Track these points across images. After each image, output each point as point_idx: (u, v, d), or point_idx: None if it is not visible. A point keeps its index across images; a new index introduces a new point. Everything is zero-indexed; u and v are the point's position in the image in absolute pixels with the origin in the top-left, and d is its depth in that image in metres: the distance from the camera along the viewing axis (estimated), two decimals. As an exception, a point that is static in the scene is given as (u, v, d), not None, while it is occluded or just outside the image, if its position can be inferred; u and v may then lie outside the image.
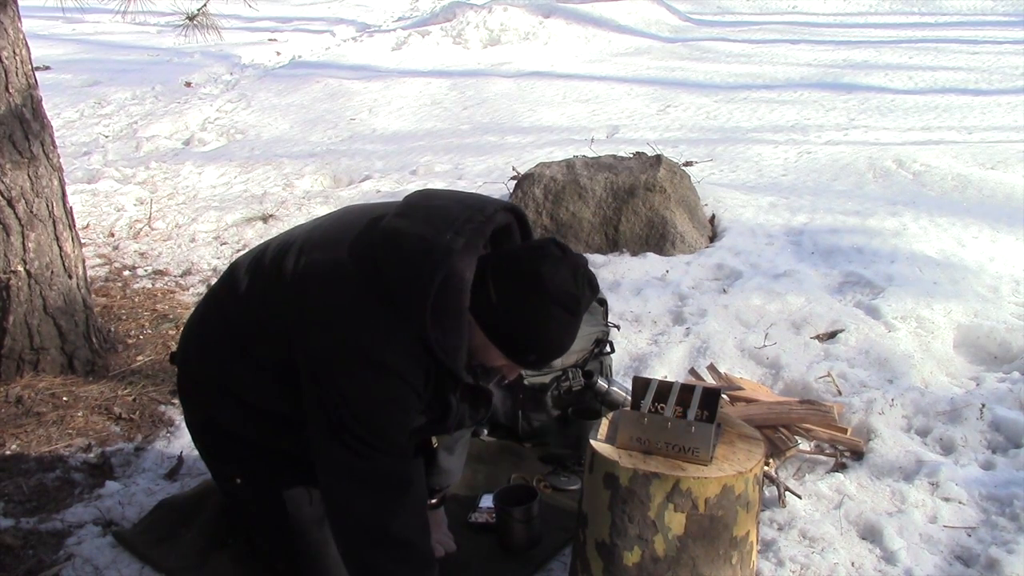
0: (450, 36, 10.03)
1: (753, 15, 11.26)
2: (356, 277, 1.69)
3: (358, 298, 1.67)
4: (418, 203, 1.76)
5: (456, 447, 2.23)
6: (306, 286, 1.75)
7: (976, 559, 2.17)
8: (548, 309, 1.64)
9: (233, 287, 1.90)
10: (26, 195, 2.92)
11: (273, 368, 1.81)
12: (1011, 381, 2.98)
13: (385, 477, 1.74)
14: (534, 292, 1.63)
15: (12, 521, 2.36)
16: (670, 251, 4.15)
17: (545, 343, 1.70)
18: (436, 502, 2.27)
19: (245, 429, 1.94)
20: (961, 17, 10.56)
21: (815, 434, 2.66)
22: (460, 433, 2.22)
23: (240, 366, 1.86)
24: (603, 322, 2.85)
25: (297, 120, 7.02)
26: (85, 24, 10.62)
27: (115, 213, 4.96)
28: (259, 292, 1.85)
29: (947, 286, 3.69)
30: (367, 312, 1.66)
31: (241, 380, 1.88)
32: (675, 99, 7.27)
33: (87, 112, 7.22)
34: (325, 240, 1.80)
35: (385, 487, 1.74)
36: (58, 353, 3.07)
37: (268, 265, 1.84)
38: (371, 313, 1.66)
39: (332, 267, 1.73)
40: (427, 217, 1.69)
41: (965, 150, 5.63)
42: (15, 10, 2.92)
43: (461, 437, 2.25)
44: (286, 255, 1.80)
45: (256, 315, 1.83)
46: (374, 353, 1.65)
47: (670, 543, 1.82)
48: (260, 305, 1.83)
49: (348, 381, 1.68)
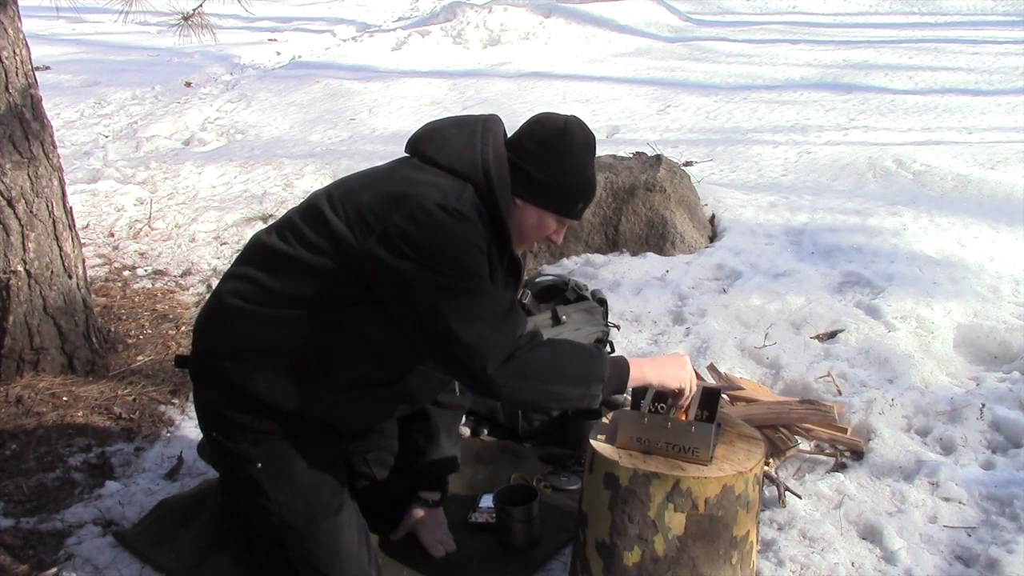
0: (450, 36, 10.03)
1: (753, 15, 11.26)
2: (414, 171, 1.88)
3: (420, 179, 1.84)
4: (430, 129, 1.98)
5: (454, 429, 2.30)
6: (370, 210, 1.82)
7: (976, 559, 2.17)
8: (580, 156, 1.92)
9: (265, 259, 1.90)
10: (26, 195, 2.92)
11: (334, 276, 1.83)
12: (1011, 381, 2.98)
13: (497, 303, 1.78)
14: (565, 148, 1.90)
15: (12, 521, 2.36)
16: (670, 251, 4.15)
17: (587, 186, 1.96)
18: (436, 501, 2.27)
19: (282, 393, 1.88)
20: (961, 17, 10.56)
21: (815, 434, 2.66)
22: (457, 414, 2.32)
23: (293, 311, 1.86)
24: (603, 322, 2.85)
25: (297, 120, 7.02)
26: (85, 24, 10.62)
27: (115, 213, 4.96)
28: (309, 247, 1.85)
29: (947, 286, 3.69)
30: (433, 183, 1.83)
31: (290, 324, 1.86)
32: (675, 99, 7.27)
33: (87, 112, 7.22)
34: (362, 184, 1.91)
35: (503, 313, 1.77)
36: (58, 353, 3.07)
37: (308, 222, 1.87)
38: (436, 183, 1.84)
39: (389, 185, 1.86)
40: (453, 123, 1.96)
41: (965, 150, 5.63)
42: (15, 10, 2.92)
43: (456, 420, 2.33)
44: (326, 206, 1.87)
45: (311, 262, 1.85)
46: (449, 203, 1.79)
47: (670, 543, 1.82)
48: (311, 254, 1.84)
49: (433, 233, 1.77)
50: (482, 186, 1.86)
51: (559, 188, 1.92)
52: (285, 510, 1.94)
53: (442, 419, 2.25)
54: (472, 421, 2.80)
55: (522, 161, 1.90)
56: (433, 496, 2.27)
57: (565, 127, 1.91)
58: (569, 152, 1.91)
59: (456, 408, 2.30)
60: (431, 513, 2.27)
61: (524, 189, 1.91)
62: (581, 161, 1.92)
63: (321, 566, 1.95)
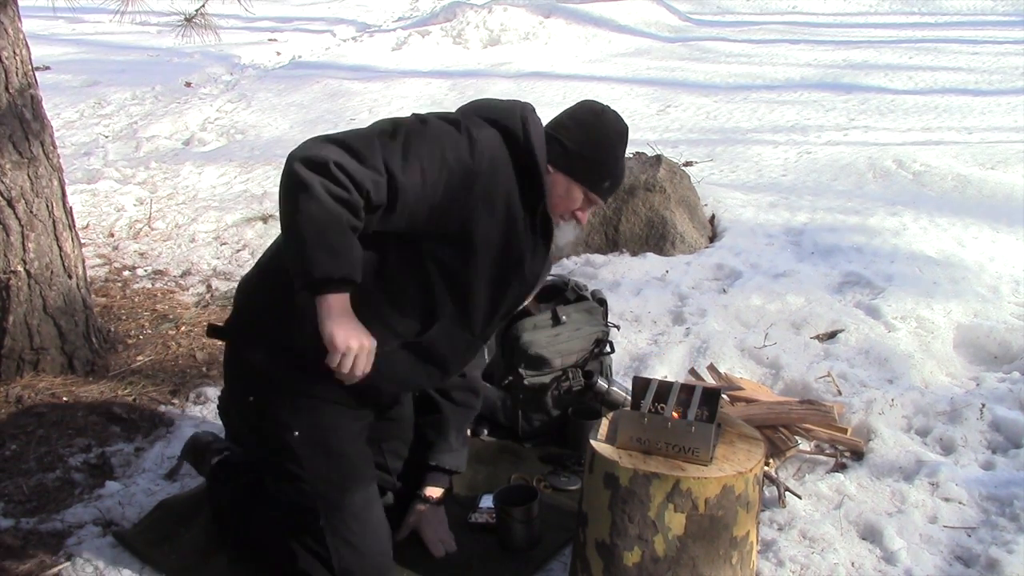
0: (450, 36, 10.03)
1: (753, 15, 11.26)
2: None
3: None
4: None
5: (465, 427, 2.34)
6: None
7: (976, 559, 2.17)
8: (613, 138, 2.01)
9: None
10: (26, 195, 2.92)
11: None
12: (1011, 381, 2.98)
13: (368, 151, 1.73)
14: (600, 127, 2.00)
15: (12, 521, 2.36)
16: (670, 251, 4.15)
17: (615, 165, 2.02)
18: (438, 499, 2.27)
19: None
20: (961, 17, 10.56)
21: (815, 434, 2.66)
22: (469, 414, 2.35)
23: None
24: (603, 322, 2.85)
25: (297, 120, 7.02)
26: (85, 24, 10.62)
27: (115, 213, 4.96)
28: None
29: (947, 286, 3.69)
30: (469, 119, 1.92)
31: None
32: (675, 99, 7.27)
33: (87, 112, 7.22)
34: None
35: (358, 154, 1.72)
36: (58, 353, 3.07)
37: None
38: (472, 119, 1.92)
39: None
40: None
41: (965, 150, 5.63)
42: (15, 10, 2.92)
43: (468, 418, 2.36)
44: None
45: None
46: (464, 121, 1.88)
47: (670, 543, 1.82)
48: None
49: (429, 116, 1.87)
50: (519, 132, 1.91)
51: (589, 160, 1.99)
52: (320, 479, 1.96)
53: (454, 416, 2.28)
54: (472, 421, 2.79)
55: (557, 133, 1.99)
56: (436, 493, 2.28)
57: (603, 111, 2.02)
58: (602, 131, 2.00)
59: (468, 408, 2.33)
60: (433, 511, 2.27)
61: (556, 156, 1.97)
62: (611, 142, 2.01)
63: (351, 536, 1.97)
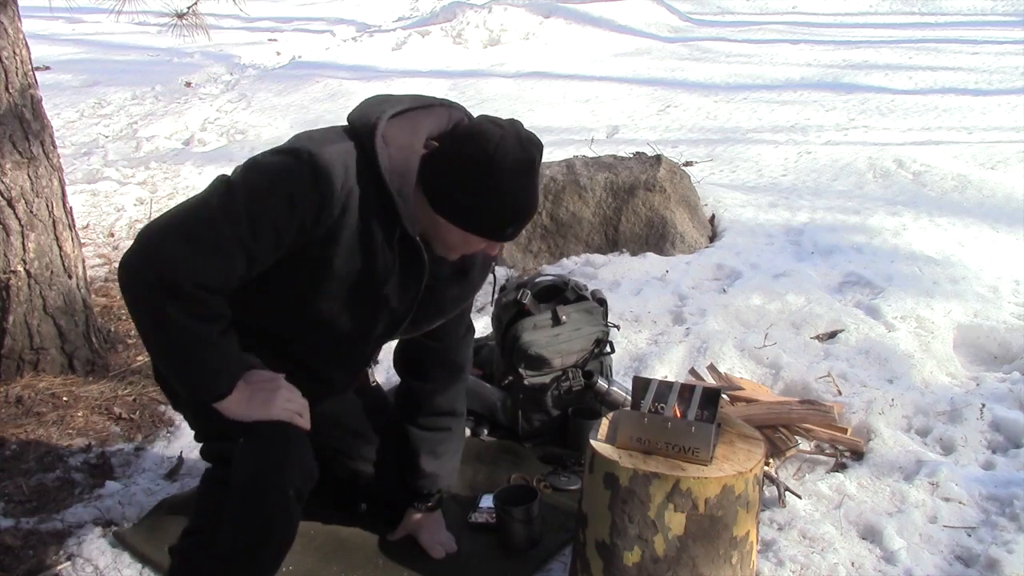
0: (450, 36, 10.03)
1: (753, 15, 11.25)
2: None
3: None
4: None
5: (439, 449, 2.21)
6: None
7: (976, 559, 2.17)
8: (510, 183, 1.70)
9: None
10: (26, 195, 2.92)
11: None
12: (1011, 381, 2.98)
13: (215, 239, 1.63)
14: (491, 176, 1.68)
15: (12, 521, 2.36)
16: (670, 251, 4.15)
17: (518, 210, 1.76)
18: (432, 504, 2.26)
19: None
20: (961, 17, 10.55)
21: (815, 434, 2.66)
22: (442, 436, 2.22)
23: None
24: (603, 322, 2.85)
25: (297, 120, 7.02)
26: (85, 24, 10.62)
27: (115, 213, 4.96)
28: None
29: (947, 286, 3.69)
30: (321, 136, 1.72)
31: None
32: (675, 99, 7.27)
33: (87, 112, 7.22)
34: None
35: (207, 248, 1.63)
36: (58, 353, 3.07)
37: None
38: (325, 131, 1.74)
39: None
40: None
41: (965, 150, 5.63)
42: (15, 10, 2.91)
43: (444, 440, 2.22)
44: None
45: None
46: (303, 145, 1.67)
47: (670, 543, 1.82)
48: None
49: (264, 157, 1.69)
50: (369, 152, 1.67)
51: (482, 210, 1.72)
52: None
53: (423, 442, 2.20)
54: (472, 421, 2.79)
55: (439, 176, 1.72)
56: (424, 504, 2.25)
57: (497, 146, 1.66)
58: (496, 174, 1.68)
59: (441, 431, 2.22)
60: (428, 516, 2.26)
61: (441, 204, 1.73)
62: (509, 186, 1.70)
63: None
